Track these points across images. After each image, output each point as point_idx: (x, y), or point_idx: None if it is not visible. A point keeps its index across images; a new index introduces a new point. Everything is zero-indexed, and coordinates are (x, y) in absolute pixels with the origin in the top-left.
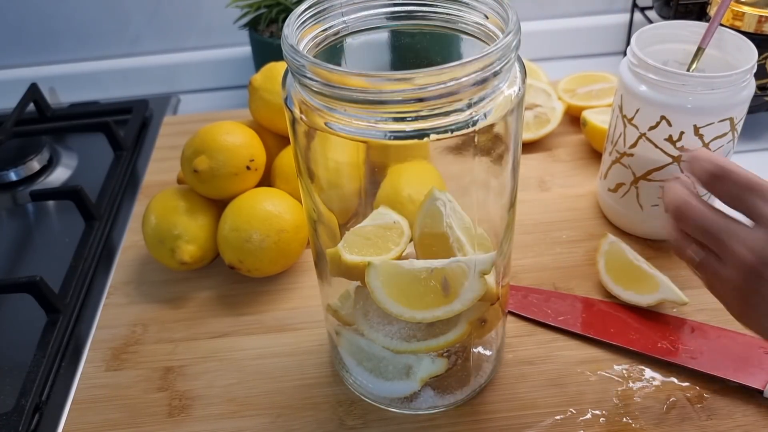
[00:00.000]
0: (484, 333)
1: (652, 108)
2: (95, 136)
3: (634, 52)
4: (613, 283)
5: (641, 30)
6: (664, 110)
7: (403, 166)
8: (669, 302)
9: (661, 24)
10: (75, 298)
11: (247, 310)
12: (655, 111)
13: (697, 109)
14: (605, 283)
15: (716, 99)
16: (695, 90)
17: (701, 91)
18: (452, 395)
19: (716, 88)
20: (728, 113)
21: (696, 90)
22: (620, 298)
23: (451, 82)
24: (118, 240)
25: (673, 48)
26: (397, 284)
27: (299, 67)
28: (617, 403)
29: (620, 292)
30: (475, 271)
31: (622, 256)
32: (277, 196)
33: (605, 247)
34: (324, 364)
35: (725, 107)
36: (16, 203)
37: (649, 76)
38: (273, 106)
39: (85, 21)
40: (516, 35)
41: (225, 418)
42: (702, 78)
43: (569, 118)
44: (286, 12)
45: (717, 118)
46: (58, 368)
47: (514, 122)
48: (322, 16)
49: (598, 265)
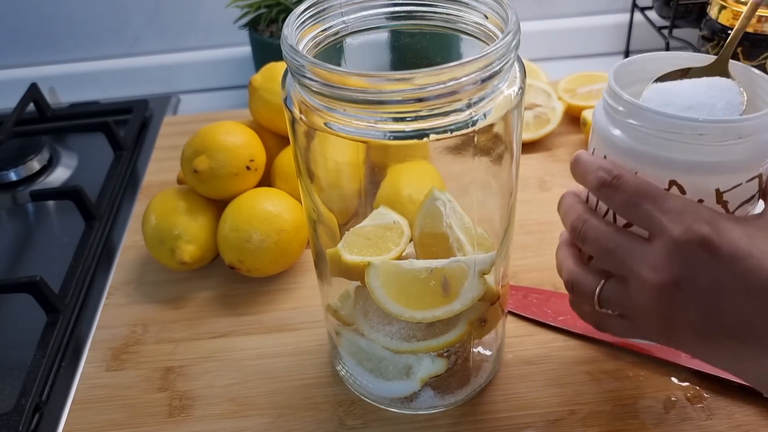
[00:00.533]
0: (484, 333)
1: (656, 170)
2: (95, 136)
3: (618, 93)
4: None
5: (619, 64)
6: (674, 172)
7: (403, 166)
8: None
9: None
10: (75, 298)
11: (247, 310)
12: (663, 174)
13: (718, 166)
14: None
15: (743, 150)
16: (715, 141)
17: (723, 142)
18: (452, 395)
19: (744, 136)
20: (758, 168)
21: (717, 141)
22: None
23: (451, 82)
24: (118, 240)
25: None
26: (397, 284)
27: (299, 67)
28: (617, 403)
29: None
30: (475, 271)
31: None
32: (277, 196)
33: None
34: (324, 364)
35: (755, 160)
36: (16, 203)
37: (647, 128)
38: (273, 106)
39: (85, 21)
40: (516, 35)
41: (225, 418)
42: (725, 124)
43: (569, 118)
44: (286, 12)
45: (746, 176)
46: (58, 368)
47: (514, 122)
48: (322, 16)
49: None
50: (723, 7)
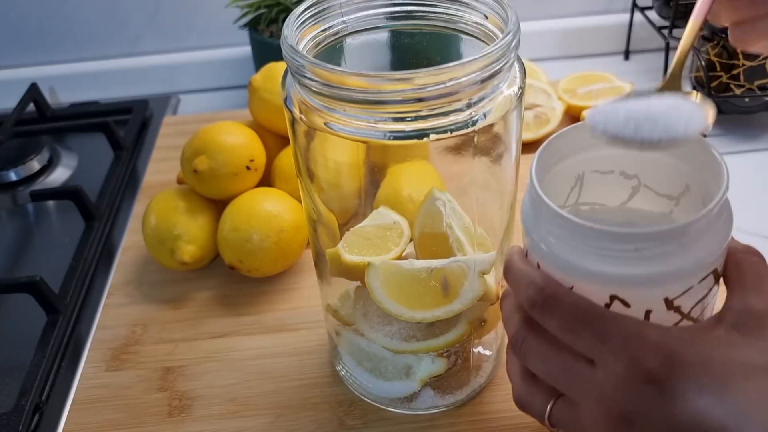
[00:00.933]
0: (484, 333)
1: (593, 285)
2: (95, 136)
3: (539, 197)
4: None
5: (543, 146)
6: (614, 287)
7: (403, 166)
8: None
9: (564, 132)
10: (75, 298)
11: (247, 310)
12: (602, 289)
13: (663, 276)
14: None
15: (690, 255)
16: (655, 250)
17: (664, 250)
18: (452, 395)
19: (688, 242)
20: (710, 266)
21: (657, 249)
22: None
23: (451, 82)
24: (118, 240)
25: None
26: (397, 284)
27: (299, 68)
28: None
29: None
30: (474, 271)
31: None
32: (277, 196)
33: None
34: (324, 364)
35: (705, 261)
36: (16, 203)
37: (578, 239)
38: (273, 106)
39: (85, 21)
40: (516, 35)
41: (225, 418)
42: (664, 232)
43: (569, 118)
44: (286, 12)
45: (696, 278)
46: (58, 368)
47: (514, 122)
48: (322, 16)
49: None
50: None
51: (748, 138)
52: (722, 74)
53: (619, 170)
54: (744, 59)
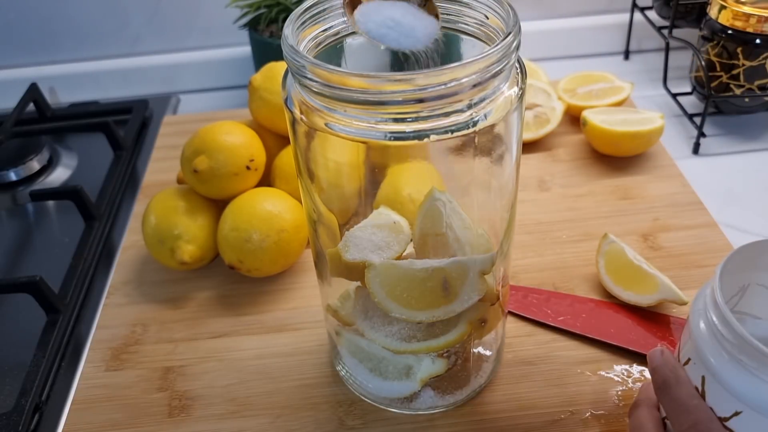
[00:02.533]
0: (484, 333)
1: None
2: (95, 136)
3: (728, 320)
4: (612, 283)
5: (727, 259)
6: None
7: (403, 166)
8: (669, 302)
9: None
10: (75, 298)
11: (247, 310)
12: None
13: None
14: (605, 283)
15: None
16: None
17: None
18: (452, 395)
19: None
20: None
21: None
22: (620, 298)
23: (452, 83)
24: (118, 240)
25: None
26: (397, 285)
27: (299, 68)
28: (617, 403)
29: (620, 293)
30: (475, 271)
31: (622, 256)
32: (277, 196)
33: (605, 247)
34: (324, 364)
35: None
36: (16, 203)
37: (763, 369)
38: (273, 106)
39: (85, 21)
40: (516, 36)
41: (225, 418)
42: None
43: (569, 118)
44: (286, 12)
45: None
46: (58, 368)
47: (514, 123)
48: (322, 16)
49: (597, 265)
50: (723, 7)
51: (748, 138)
52: (722, 74)
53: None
54: (744, 59)
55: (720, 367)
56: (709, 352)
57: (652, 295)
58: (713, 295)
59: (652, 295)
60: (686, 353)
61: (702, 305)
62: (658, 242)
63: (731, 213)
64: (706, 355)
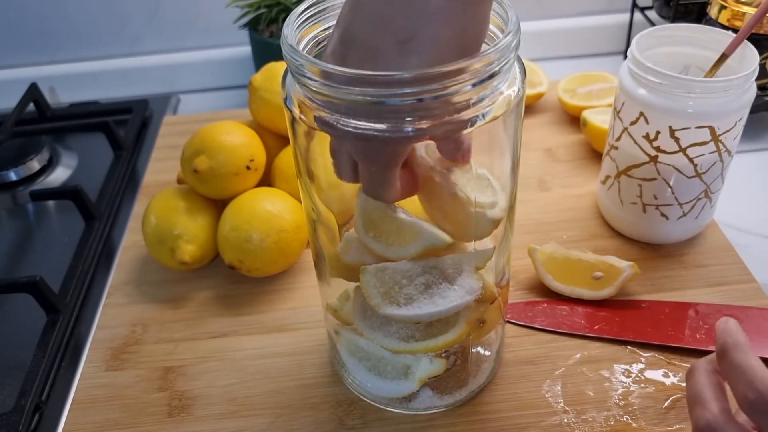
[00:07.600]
0: (483, 333)
1: (633, 103)
2: (95, 136)
3: (633, 52)
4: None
5: (644, 32)
6: (643, 107)
7: None
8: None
9: (665, 26)
10: (75, 298)
11: (247, 310)
12: (635, 106)
13: (673, 111)
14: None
15: (696, 105)
16: (674, 91)
17: (680, 93)
18: (451, 395)
19: (692, 93)
20: (707, 121)
21: (674, 91)
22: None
23: (451, 83)
24: (118, 240)
25: (680, 51)
26: (392, 286)
27: (298, 67)
28: (617, 402)
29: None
30: (470, 267)
31: (559, 255)
32: (277, 196)
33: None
34: (324, 364)
35: (704, 114)
36: (16, 203)
37: (637, 72)
38: (273, 106)
39: (85, 21)
40: (516, 35)
41: (225, 418)
42: (682, 80)
43: (569, 117)
44: (286, 12)
45: (694, 123)
46: (58, 368)
47: (513, 122)
48: (322, 16)
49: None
50: (723, 7)
51: (748, 138)
52: None
53: None
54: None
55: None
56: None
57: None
58: (631, 47)
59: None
60: (619, 103)
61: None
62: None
63: (731, 212)
64: (621, 82)
